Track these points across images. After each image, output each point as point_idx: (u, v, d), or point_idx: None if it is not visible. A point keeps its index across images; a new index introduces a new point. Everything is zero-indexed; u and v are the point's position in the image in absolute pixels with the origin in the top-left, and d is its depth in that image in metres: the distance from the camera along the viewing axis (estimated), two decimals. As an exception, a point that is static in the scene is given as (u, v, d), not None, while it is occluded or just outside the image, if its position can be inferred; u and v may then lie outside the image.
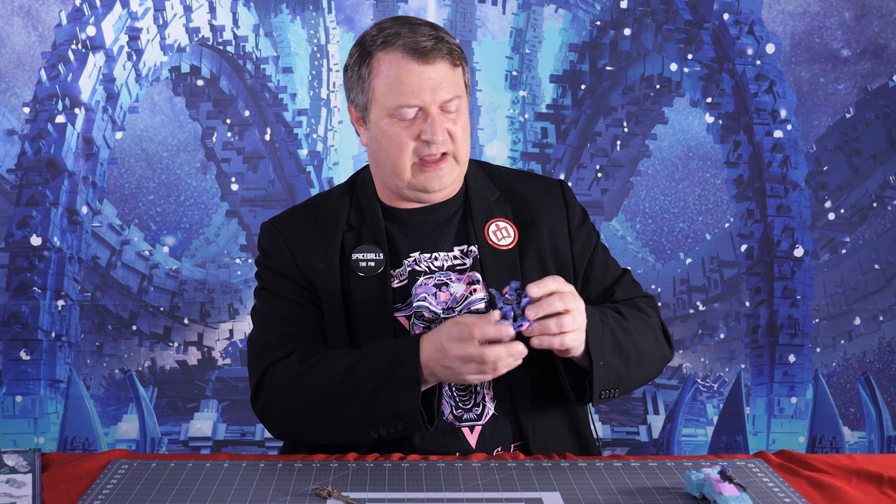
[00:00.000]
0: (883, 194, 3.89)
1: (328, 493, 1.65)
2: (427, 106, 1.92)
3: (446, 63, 1.94)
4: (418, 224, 2.04)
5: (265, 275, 2.08)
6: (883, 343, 3.91)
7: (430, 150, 1.93)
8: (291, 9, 3.91)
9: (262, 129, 3.89)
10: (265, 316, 2.05)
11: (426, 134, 1.92)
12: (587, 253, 2.09)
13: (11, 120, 3.76)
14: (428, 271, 2.01)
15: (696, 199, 3.95)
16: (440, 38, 1.94)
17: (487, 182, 2.10)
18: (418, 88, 1.91)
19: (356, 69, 1.98)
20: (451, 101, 1.94)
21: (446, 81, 1.93)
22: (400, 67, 1.92)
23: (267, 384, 1.95)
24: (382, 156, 1.98)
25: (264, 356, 1.98)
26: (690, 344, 3.92)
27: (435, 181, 1.97)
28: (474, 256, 2.02)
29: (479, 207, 2.05)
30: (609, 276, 2.10)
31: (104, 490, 1.69)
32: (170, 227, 3.88)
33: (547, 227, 2.06)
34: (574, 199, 2.13)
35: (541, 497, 1.67)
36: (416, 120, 1.93)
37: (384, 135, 1.96)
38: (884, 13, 3.85)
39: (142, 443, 3.81)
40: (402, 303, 1.99)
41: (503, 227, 2.04)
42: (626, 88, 3.91)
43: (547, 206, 2.08)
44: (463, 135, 1.96)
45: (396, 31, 1.94)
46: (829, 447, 3.86)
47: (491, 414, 1.98)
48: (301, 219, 2.10)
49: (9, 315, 3.71)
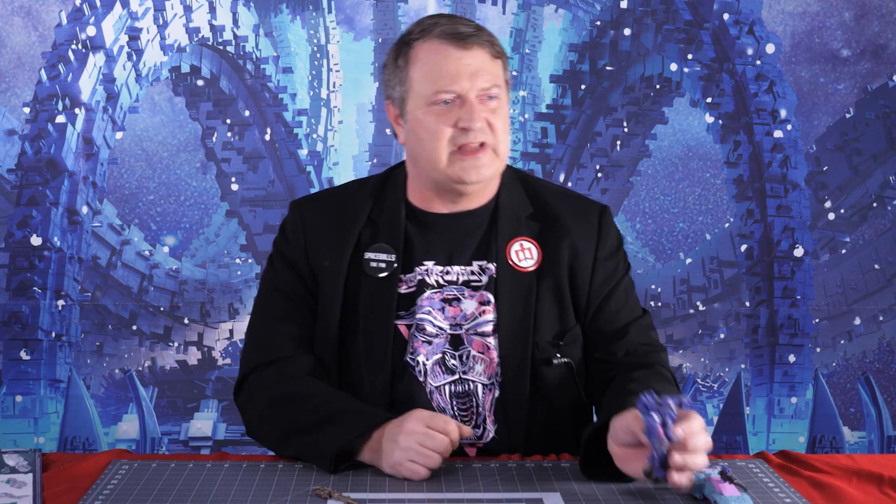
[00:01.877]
0: (883, 194, 3.89)
1: (328, 493, 1.65)
2: (465, 92, 1.86)
3: (486, 51, 1.88)
4: (441, 230, 1.97)
5: (276, 256, 2.04)
6: (883, 343, 3.91)
7: (468, 138, 1.86)
8: (291, 9, 3.91)
9: (262, 129, 3.89)
10: (260, 308, 2.04)
11: (463, 121, 1.85)
12: (607, 287, 2.00)
13: (11, 120, 3.76)
14: (436, 285, 1.96)
15: (696, 199, 3.95)
16: (480, 28, 1.90)
17: (522, 196, 2.01)
18: (455, 74, 1.86)
19: (393, 61, 1.93)
20: (491, 89, 1.88)
21: (485, 70, 1.88)
22: (437, 53, 1.87)
23: (246, 390, 1.97)
24: (419, 148, 1.92)
25: (253, 355, 1.99)
26: (690, 344, 3.92)
27: (472, 171, 1.89)
28: (491, 275, 1.96)
29: (505, 223, 1.97)
30: (623, 315, 2.00)
31: (105, 490, 1.69)
32: (170, 227, 3.88)
33: (570, 249, 1.97)
34: (610, 229, 2.02)
35: (541, 497, 1.67)
36: (454, 107, 1.87)
37: (421, 125, 1.89)
38: (884, 13, 3.85)
39: (142, 443, 3.81)
40: (405, 310, 1.96)
41: (527, 248, 1.97)
42: (626, 88, 3.91)
43: (576, 229, 1.98)
44: (503, 127, 1.89)
45: (436, 21, 1.90)
46: (829, 447, 3.86)
47: (492, 436, 1.95)
48: (329, 203, 2.03)
49: (9, 315, 3.71)
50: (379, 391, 1.92)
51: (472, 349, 1.94)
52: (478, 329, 1.95)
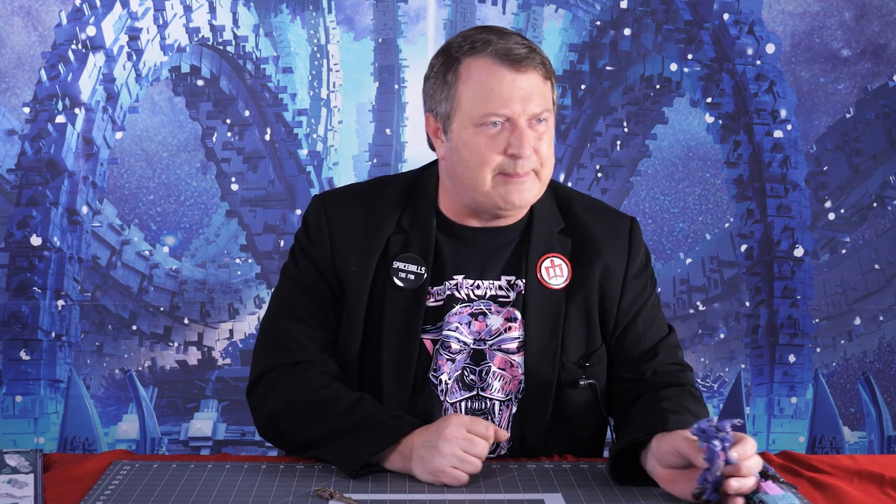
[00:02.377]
0: (883, 194, 3.90)
1: (330, 494, 1.65)
2: (516, 117, 1.81)
3: (539, 74, 1.83)
4: (473, 244, 1.93)
5: (298, 252, 1.98)
6: (883, 343, 3.92)
7: (516, 168, 1.82)
8: (291, 9, 3.91)
9: (262, 129, 3.89)
10: (282, 304, 1.97)
11: (513, 148, 1.81)
12: (636, 306, 1.98)
13: (11, 120, 3.76)
14: (467, 299, 1.92)
15: (696, 199, 3.95)
16: (533, 49, 1.84)
17: (555, 210, 1.98)
18: (508, 97, 1.80)
19: (441, 75, 1.86)
20: (541, 113, 1.83)
21: (537, 94, 1.83)
22: (490, 74, 1.81)
23: (262, 388, 1.92)
24: (461, 168, 1.86)
25: (270, 353, 1.93)
26: (690, 344, 3.92)
27: (516, 195, 1.84)
28: (519, 291, 1.93)
29: (537, 239, 1.93)
30: (651, 335, 1.98)
31: (106, 491, 1.69)
32: (170, 227, 3.88)
33: (601, 268, 1.94)
34: (640, 243, 2.01)
35: (543, 498, 1.67)
36: (503, 132, 1.82)
37: (467, 146, 1.84)
38: (884, 13, 3.85)
39: (142, 443, 3.81)
40: (432, 325, 1.92)
41: (558, 265, 1.93)
42: (626, 88, 3.91)
43: (608, 246, 1.96)
44: (548, 152, 1.85)
45: (487, 38, 1.83)
46: (830, 447, 3.86)
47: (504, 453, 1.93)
48: (355, 204, 1.97)
49: (9, 315, 3.71)
50: (398, 405, 1.89)
51: (494, 365, 1.91)
52: (502, 345, 1.92)
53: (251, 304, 3.91)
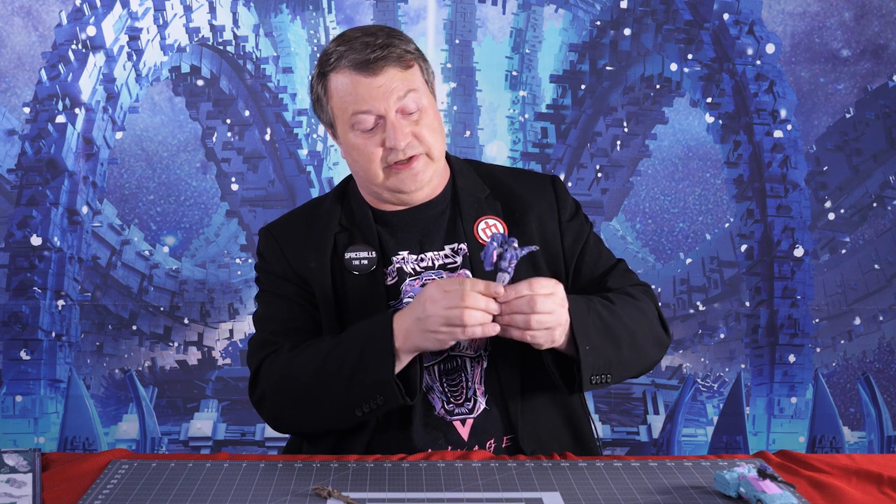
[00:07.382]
0: (883, 194, 3.89)
1: (328, 493, 1.66)
2: (384, 113, 1.94)
3: (395, 68, 1.94)
4: (406, 225, 2.05)
5: (264, 278, 2.12)
6: (883, 343, 3.91)
7: (397, 157, 1.95)
8: (291, 9, 3.91)
9: (262, 129, 3.89)
10: (263, 316, 2.10)
11: (389, 141, 1.94)
12: (578, 245, 2.10)
13: (12, 120, 3.76)
14: (414, 273, 2.03)
15: (696, 199, 3.95)
16: (386, 45, 1.95)
17: (477, 180, 2.11)
18: (369, 97, 1.93)
19: (317, 90, 2.02)
20: (406, 97, 1.94)
21: (397, 87, 1.94)
22: (350, 83, 1.94)
23: (260, 377, 2.01)
24: (357, 167, 2.02)
25: (259, 352, 2.03)
26: (690, 344, 3.92)
27: (409, 181, 1.98)
28: (464, 254, 2.04)
29: (467, 205, 2.07)
30: (601, 266, 2.10)
31: (104, 490, 1.69)
32: (170, 227, 3.88)
33: (536, 221, 2.07)
34: (566, 193, 2.13)
35: (541, 497, 1.67)
36: (378, 128, 1.95)
37: (353, 148, 1.98)
38: (884, 13, 3.85)
39: (142, 443, 3.81)
40: (394, 300, 2.02)
41: (493, 225, 2.05)
42: (626, 88, 3.91)
43: (537, 201, 2.09)
44: (430, 132, 1.97)
45: (342, 51, 1.95)
46: (829, 447, 3.86)
47: (483, 408, 1.99)
48: (295, 222, 2.13)
49: (9, 315, 3.72)
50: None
51: None
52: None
53: (251, 304, 3.91)
